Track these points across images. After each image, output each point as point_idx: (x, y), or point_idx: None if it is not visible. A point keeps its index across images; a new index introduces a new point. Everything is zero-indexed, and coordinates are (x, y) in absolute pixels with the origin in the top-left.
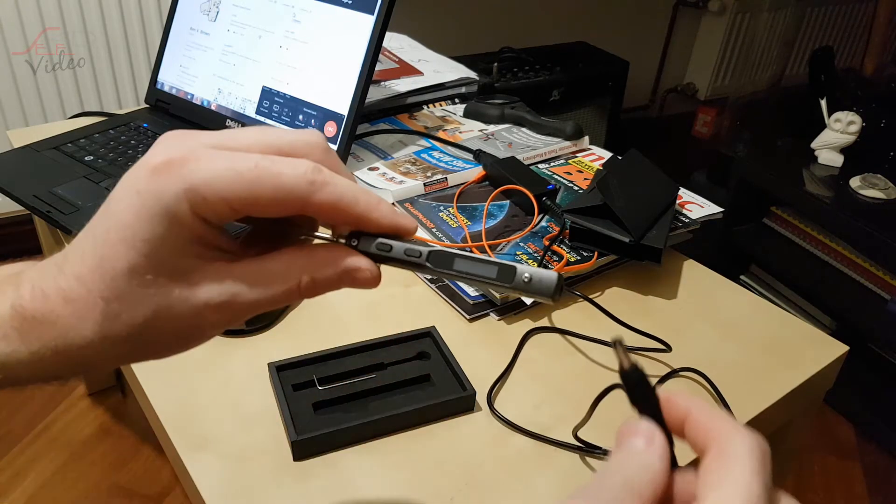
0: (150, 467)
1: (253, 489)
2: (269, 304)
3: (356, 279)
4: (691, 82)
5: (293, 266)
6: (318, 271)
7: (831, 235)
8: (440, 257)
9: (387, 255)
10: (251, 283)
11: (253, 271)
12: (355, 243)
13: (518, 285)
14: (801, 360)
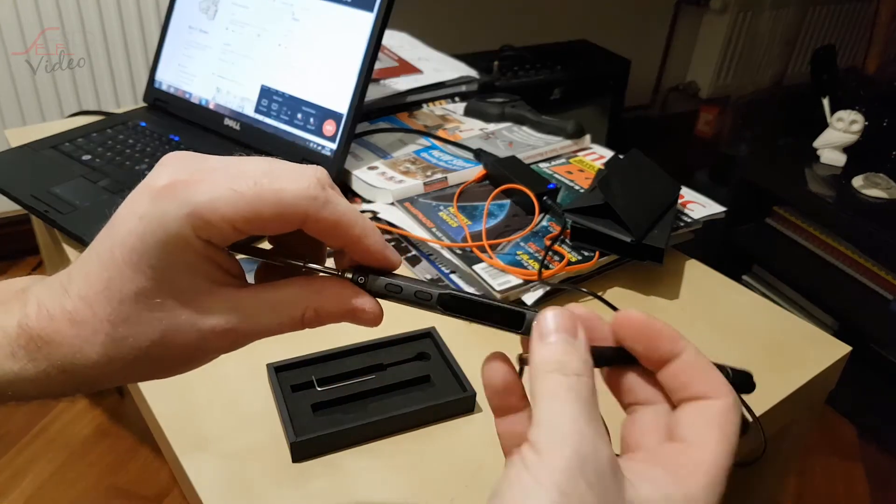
0: (149, 468)
1: (251, 491)
2: (272, 332)
3: (359, 318)
4: (693, 81)
5: (300, 297)
6: (323, 305)
7: (834, 235)
8: (452, 301)
9: (397, 296)
10: (258, 310)
11: (260, 299)
12: (362, 281)
13: (528, 331)
14: (803, 360)
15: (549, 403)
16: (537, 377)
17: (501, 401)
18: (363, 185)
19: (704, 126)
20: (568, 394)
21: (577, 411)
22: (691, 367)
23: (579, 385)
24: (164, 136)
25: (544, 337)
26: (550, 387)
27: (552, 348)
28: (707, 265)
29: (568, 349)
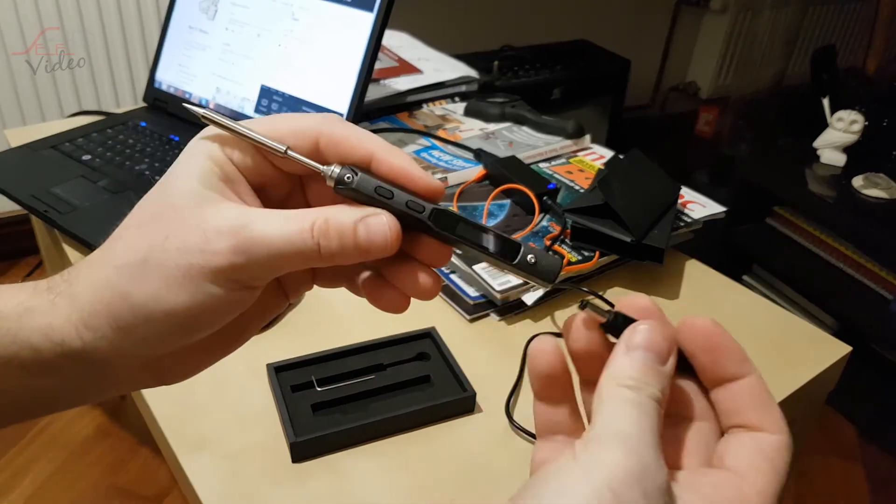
0: (148, 468)
1: (251, 491)
2: (281, 244)
3: (371, 228)
4: (693, 81)
5: (310, 209)
6: (334, 214)
7: (834, 235)
8: (444, 217)
9: (387, 201)
10: (265, 217)
11: (269, 210)
12: (349, 179)
13: (521, 265)
14: (803, 360)
15: (618, 410)
16: (610, 385)
17: (543, 387)
18: None
19: (704, 126)
20: (640, 409)
21: (644, 426)
22: (752, 394)
23: (652, 408)
24: (163, 137)
25: (631, 349)
26: (623, 397)
27: (636, 365)
28: (707, 265)
29: (651, 373)
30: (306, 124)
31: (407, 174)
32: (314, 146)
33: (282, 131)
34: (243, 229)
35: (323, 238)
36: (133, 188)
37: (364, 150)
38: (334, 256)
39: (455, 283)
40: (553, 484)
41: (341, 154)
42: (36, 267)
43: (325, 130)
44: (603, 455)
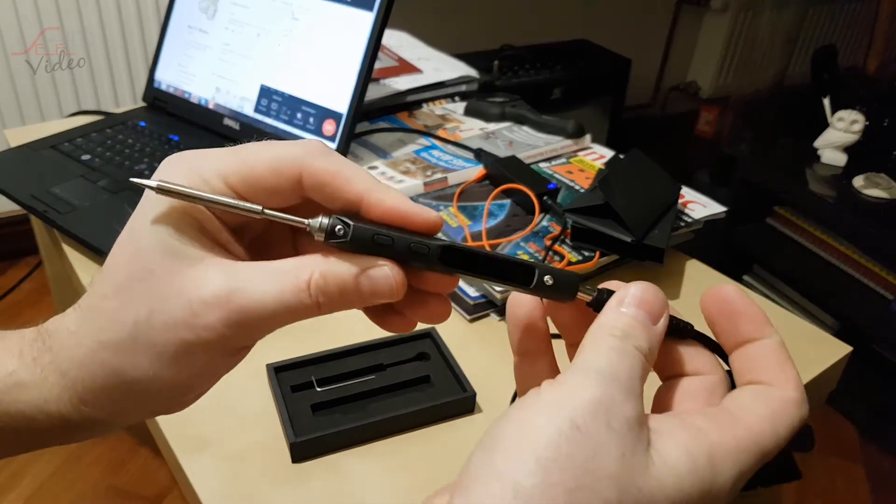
0: (148, 469)
1: (251, 491)
2: (275, 307)
3: (375, 282)
4: (693, 81)
5: (304, 262)
6: (331, 268)
7: (834, 235)
8: (453, 254)
9: (389, 249)
10: (255, 277)
11: (259, 266)
12: (342, 231)
13: (539, 287)
14: (803, 360)
15: (597, 351)
16: (594, 332)
17: (523, 338)
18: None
19: (705, 126)
20: (621, 353)
21: (622, 368)
22: (768, 354)
23: (635, 356)
24: (163, 136)
25: (622, 304)
26: (607, 342)
27: (625, 318)
28: (707, 265)
29: (640, 328)
30: (287, 157)
31: (402, 214)
32: (296, 182)
33: (258, 169)
34: (233, 297)
35: (322, 296)
36: (132, 188)
37: (353, 192)
38: (335, 310)
39: None
40: (514, 423)
41: (327, 196)
42: (35, 267)
43: (308, 168)
44: (568, 388)
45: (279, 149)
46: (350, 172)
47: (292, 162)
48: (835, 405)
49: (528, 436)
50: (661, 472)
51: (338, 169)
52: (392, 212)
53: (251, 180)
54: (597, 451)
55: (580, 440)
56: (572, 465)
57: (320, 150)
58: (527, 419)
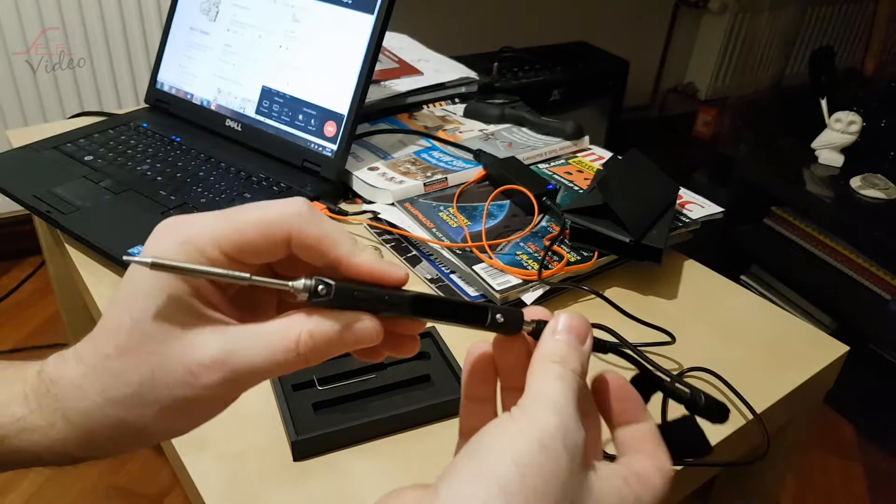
0: (149, 467)
1: (253, 489)
2: (267, 366)
3: (358, 335)
4: (692, 82)
5: (291, 323)
6: (317, 327)
7: (832, 235)
8: (422, 304)
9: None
10: (246, 340)
11: (249, 329)
12: (324, 291)
13: (492, 325)
14: (801, 360)
15: (544, 382)
16: (538, 362)
17: (476, 384)
18: (364, 185)
19: (703, 127)
20: (562, 381)
21: (567, 395)
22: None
23: (573, 380)
24: (165, 137)
25: (555, 333)
26: (549, 372)
27: (559, 344)
28: (705, 265)
29: (572, 350)
30: (276, 221)
31: (378, 274)
32: (284, 244)
33: (249, 235)
34: (228, 360)
35: (310, 352)
36: (135, 188)
37: (335, 255)
38: (321, 360)
39: (455, 283)
40: (497, 439)
41: (311, 256)
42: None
43: (297, 233)
44: (535, 417)
45: (269, 213)
46: (335, 237)
47: (281, 226)
48: (832, 405)
49: (508, 449)
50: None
51: (324, 234)
52: (369, 272)
53: (243, 245)
54: (557, 464)
55: (546, 455)
56: (541, 474)
57: (308, 214)
58: (507, 437)
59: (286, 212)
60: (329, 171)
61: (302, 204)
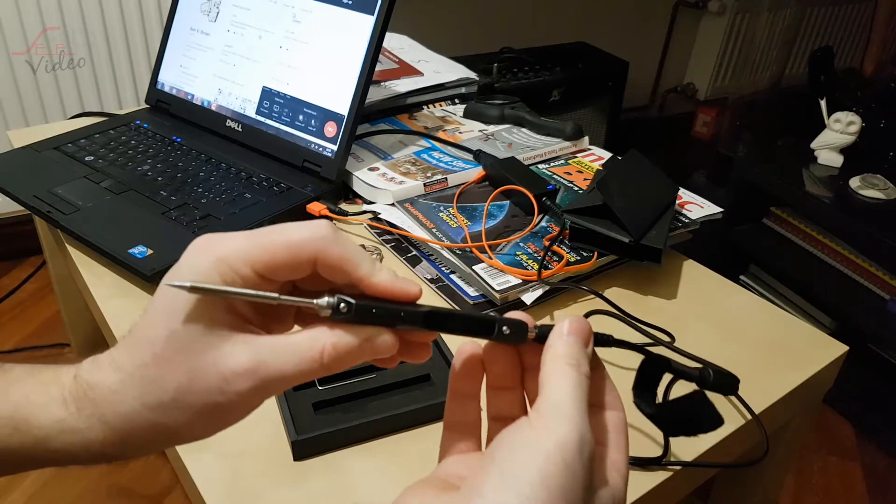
0: (150, 467)
1: (253, 489)
2: (295, 374)
3: (376, 347)
4: (691, 82)
5: (317, 336)
6: (339, 340)
7: (831, 235)
8: (434, 319)
9: (383, 319)
10: (276, 351)
11: (278, 341)
12: (346, 309)
13: (498, 337)
14: (800, 360)
15: (561, 391)
16: (552, 362)
17: (463, 381)
18: (364, 185)
19: (702, 127)
20: (577, 388)
21: (583, 405)
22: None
23: (585, 384)
24: (166, 138)
25: (564, 335)
26: (565, 378)
27: (571, 347)
28: (705, 265)
29: (582, 354)
30: (303, 243)
31: (392, 291)
32: (310, 263)
33: (280, 256)
34: (259, 369)
35: (333, 362)
36: (136, 189)
37: (356, 275)
38: (341, 370)
39: (455, 283)
40: (522, 453)
41: (334, 276)
42: (39, 267)
43: (322, 255)
44: (558, 433)
45: (297, 236)
46: (357, 259)
47: (308, 248)
48: (832, 404)
49: (534, 464)
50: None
51: (347, 256)
52: (386, 291)
53: (273, 266)
54: (574, 481)
55: (568, 474)
56: (563, 492)
57: (332, 237)
58: (532, 452)
59: (313, 235)
60: (329, 171)
61: (327, 227)
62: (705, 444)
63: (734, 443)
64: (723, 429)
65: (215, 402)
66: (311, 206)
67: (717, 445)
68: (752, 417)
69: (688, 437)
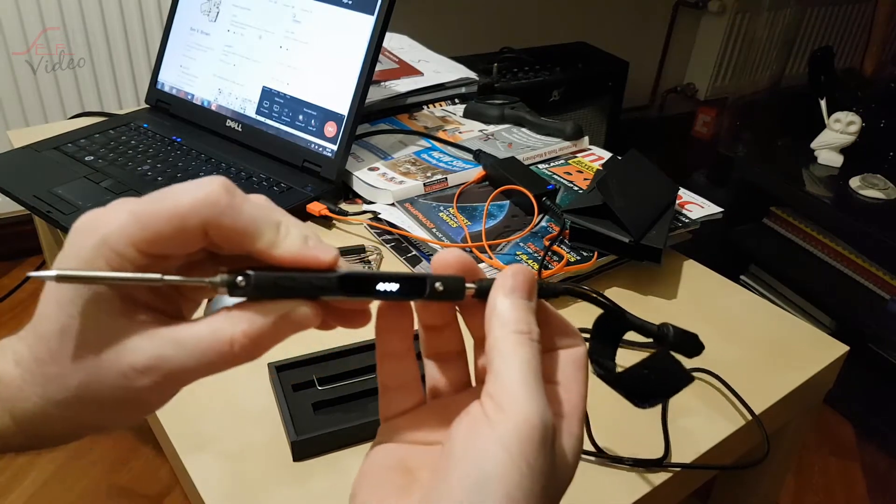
0: (150, 467)
1: (252, 489)
2: (202, 368)
3: (295, 323)
4: (691, 82)
5: (224, 323)
6: (249, 324)
7: (831, 235)
8: (351, 282)
9: (292, 291)
10: (178, 344)
11: (182, 332)
12: (244, 283)
13: (432, 295)
14: (800, 360)
15: (514, 365)
16: (503, 331)
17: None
18: (364, 185)
19: (702, 127)
20: (531, 362)
21: (537, 381)
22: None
23: (537, 354)
24: (166, 138)
25: (510, 293)
26: (517, 350)
27: (518, 310)
28: (705, 265)
29: (530, 312)
30: (188, 210)
31: (301, 262)
32: (201, 235)
33: (165, 231)
34: (160, 366)
35: (247, 350)
36: (136, 189)
37: (256, 248)
38: (262, 353)
39: None
40: (480, 462)
41: (233, 246)
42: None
43: (211, 224)
44: (515, 425)
45: (180, 203)
46: (254, 228)
47: (194, 217)
48: (832, 404)
49: (498, 479)
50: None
51: (241, 226)
52: (293, 262)
53: (159, 242)
54: (536, 480)
55: (532, 476)
56: (525, 494)
57: (224, 203)
58: (490, 456)
59: (201, 201)
60: (329, 171)
61: (217, 192)
62: (705, 444)
63: (735, 444)
64: (723, 431)
65: (120, 397)
66: (311, 206)
67: (717, 446)
68: (752, 418)
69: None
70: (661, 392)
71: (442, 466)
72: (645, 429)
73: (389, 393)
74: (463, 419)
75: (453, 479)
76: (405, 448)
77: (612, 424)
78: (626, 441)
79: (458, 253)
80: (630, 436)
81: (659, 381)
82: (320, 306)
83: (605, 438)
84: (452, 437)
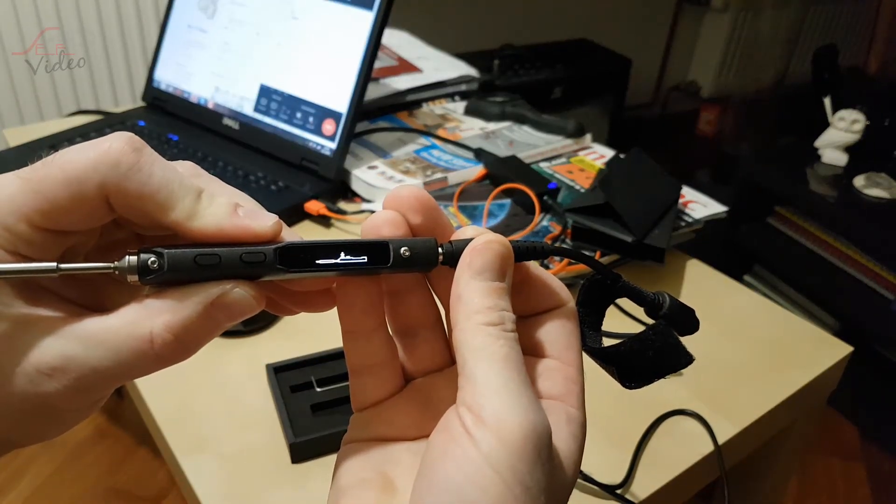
0: (147, 469)
1: (250, 492)
2: (119, 371)
3: (231, 309)
4: (694, 80)
5: (137, 317)
6: (172, 316)
7: (835, 235)
8: (292, 253)
9: (217, 268)
10: (87, 340)
11: (89, 326)
12: (156, 264)
13: (398, 264)
14: (804, 360)
15: (489, 365)
16: (470, 322)
17: (349, 317)
18: (363, 184)
19: (705, 125)
20: (508, 358)
21: (520, 382)
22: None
23: (516, 349)
24: (162, 136)
25: (477, 274)
26: (492, 343)
27: (488, 295)
28: (708, 265)
29: (503, 297)
30: (85, 173)
31: (228, 235)
32: (104, 203)
33: (60, 201)
34: (68, 367)
35: (173, 349)
36: None
37: (167, 221)
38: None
39: None
40: (461, 489)
41: (142, 218)
42: None
43: (115, 185)
44: (498, 437)
45: (77, 166)
46: (165, 195)
47: (92, 181)
48: (836, 405)
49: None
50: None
51: (150, 193)
52: (217, 236)
53: (56, 214)
54: (543, 494)
55: (530, 498)
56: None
57: (128, 164)
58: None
59: (97, 163)
60: (328, 169)
61: (119, 148)
62: (703, 450)
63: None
64: (725, 431)
65: (33, 405)
66: (309, 205)
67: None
68: (714, 448)
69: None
70: (656, 371)
71: (423, 490)
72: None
73: (361, 378)
74: (440, 434)
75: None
76: (381, 450)
77: (614, 426)
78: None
79: (417, 190)
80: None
81: (654, 359)
82: (263, 287)
83: (608, 438)
84: (430, 458)
